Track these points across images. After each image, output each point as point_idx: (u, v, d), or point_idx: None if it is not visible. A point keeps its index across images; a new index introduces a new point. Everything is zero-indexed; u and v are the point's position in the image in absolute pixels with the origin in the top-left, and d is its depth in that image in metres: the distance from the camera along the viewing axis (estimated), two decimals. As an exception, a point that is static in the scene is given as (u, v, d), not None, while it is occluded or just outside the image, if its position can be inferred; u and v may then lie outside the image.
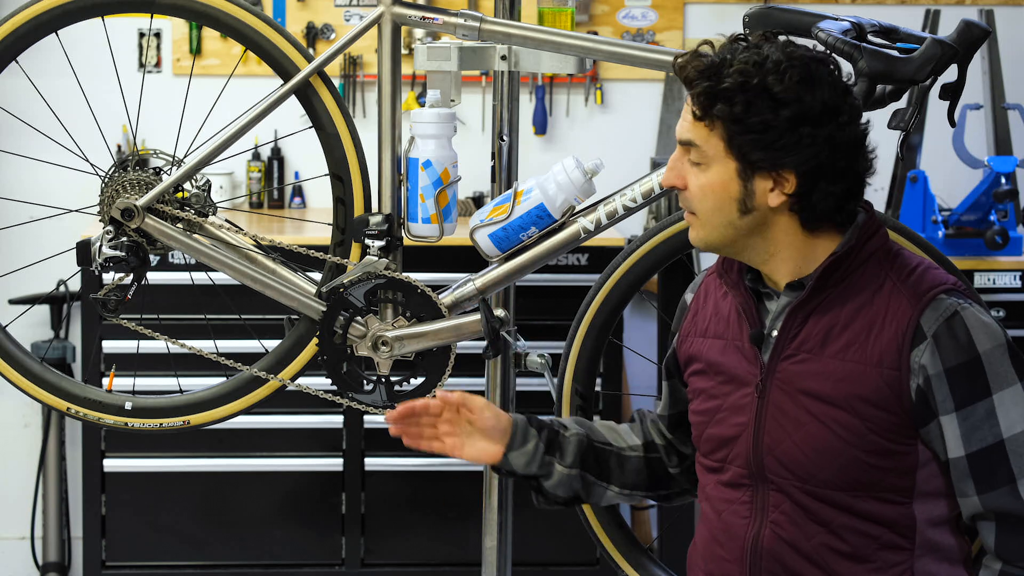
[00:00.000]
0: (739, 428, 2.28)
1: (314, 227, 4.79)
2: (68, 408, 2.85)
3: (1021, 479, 2.16)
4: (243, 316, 3.25)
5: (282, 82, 2.72)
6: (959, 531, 2.26)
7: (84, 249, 2.72)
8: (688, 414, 2.42)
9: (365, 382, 2.77)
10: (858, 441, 2.19)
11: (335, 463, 4.58)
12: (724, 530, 2.31)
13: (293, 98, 2.73)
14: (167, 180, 2.73)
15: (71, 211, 2.89)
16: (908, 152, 4.68)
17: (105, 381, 4.26)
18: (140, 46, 5.03)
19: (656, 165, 4.90)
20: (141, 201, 2.71)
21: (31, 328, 4.93)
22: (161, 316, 3.25)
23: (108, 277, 2.75)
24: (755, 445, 2.26)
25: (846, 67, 2.27)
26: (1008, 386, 2.17)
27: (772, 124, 2.15)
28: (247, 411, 2.84)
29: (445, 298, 2.75)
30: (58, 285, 4.88)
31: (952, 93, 2.43)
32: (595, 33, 5.00)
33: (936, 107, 2.64)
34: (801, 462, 2.22)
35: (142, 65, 5.03)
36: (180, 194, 2.76)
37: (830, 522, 2.22)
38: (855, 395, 2.19)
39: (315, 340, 2.75)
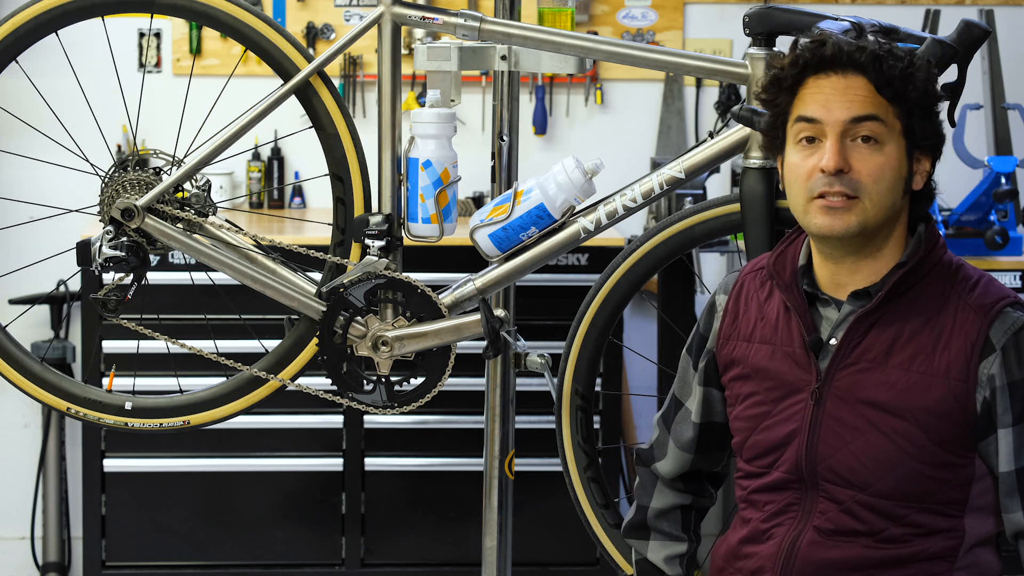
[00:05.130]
0: (790, 435, 2.26)
1: (314, 227, 4.79)
2: (68, 408, 2.85)
3: None
4: (243, 316, 3.25)
5: (282, 82, 2.72)
6: (998, 551, 2.25)
7: (84, 249, 2.72)
8: (729, 420, 2.39)
9: (365, 382, 2.77)
10: (918, 452, 2.18)
11: (335, 463, 4.57)
12: (763, 530, 2.29)
13: (293, 98, 2.73)
14: (167, 180, 2.73)
15: (71, 211, 2.89)
16: (908, 152, 4.67)
17: (105, 381, 4.26)
18: (140, 46, 5.03)
19: (656, 165, 4.90)
20: (141, 201, 2.71)
21: (31, 328, 4.93)
22: (161, 316, 3.25)
23: (108, 277, 2.75)
24: (808, 452, 2.24)
25: None
26: None
27: (936, 108, 2.23)
28: (247, 411, 2.85)
29: (445, 298, 2.75)
30: (58, 285, 4.88)
31: (952, 93, 2.44)
32: (595, 33, 5.00)
33: (936, 107, 2.63)
34: (858, 471, 2.20)
35: (142, 65, 5.02)
36: (180, 194, 2.76)
37: (878, 532, 2.21)
38: (919, 406, 2.17)
39: (315, 340, 2.75)
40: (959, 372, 2.17)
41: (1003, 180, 4.46)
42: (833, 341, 2.24)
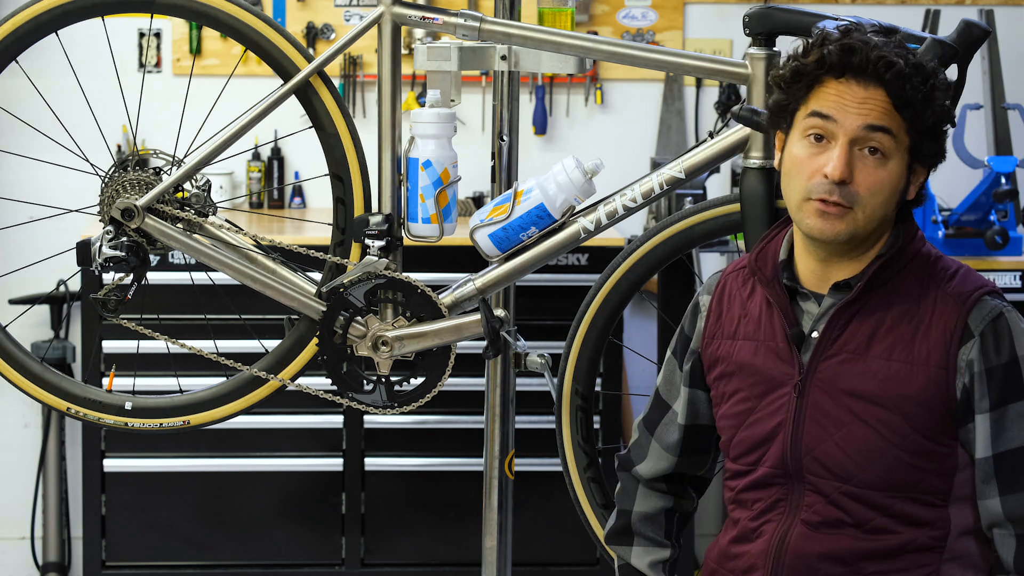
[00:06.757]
0: (775, 429, 2.27)
1: (314, 227, 4.79)
2: (68, 408, 2.85)
3: None
4: (243, 316, 3.25)
5: (282, 82, 2.72)
6: (985, 540, 2.25)
7: (84, 249, 2.72)
8: (716, 420, 2.39)
9: (365, 382, 2.77)
10: (901, 441, 2.19)
11: (335, 463, 4.57)
12: (752, 528, 2.30)
13: (293, 98, 2.73)
14: (167, 180, 2.73)
15: (71, 211, 2.89)
16: (908, 152, 4.67)
17: (105, 381, 4.26)
18: (140, 46, 5.03)
19: (656, 165, 4.90)
20: (141, 201, 2.71)
21: (31, 328, 4.93)
22: (161, 316, 3.25)
23: (108, 277, 2.75)
24: (792, 445, 2.25)
25: None
26: None
27: (946, 124, 2.24)
28: (247, 411, 2.85)
29: (445, 298, 2.75)
30: (58, 285, 4.88)
31: (952, 93, 2.43)
32: (595, 33, 5.00)
33: (936, 107, 2.63)
34: (842, 462, 2.21)
35: (142, 65, 5.02)
36: (180, 194, 2.76)
37: (865, 523, 2.21)
38: (901, 395, 2.19)
39: (315, 340, 2.75)
40: (939, 360, 2.18)
41: (1003, 180, 4.45)
42: (815, 334, 2.25)
